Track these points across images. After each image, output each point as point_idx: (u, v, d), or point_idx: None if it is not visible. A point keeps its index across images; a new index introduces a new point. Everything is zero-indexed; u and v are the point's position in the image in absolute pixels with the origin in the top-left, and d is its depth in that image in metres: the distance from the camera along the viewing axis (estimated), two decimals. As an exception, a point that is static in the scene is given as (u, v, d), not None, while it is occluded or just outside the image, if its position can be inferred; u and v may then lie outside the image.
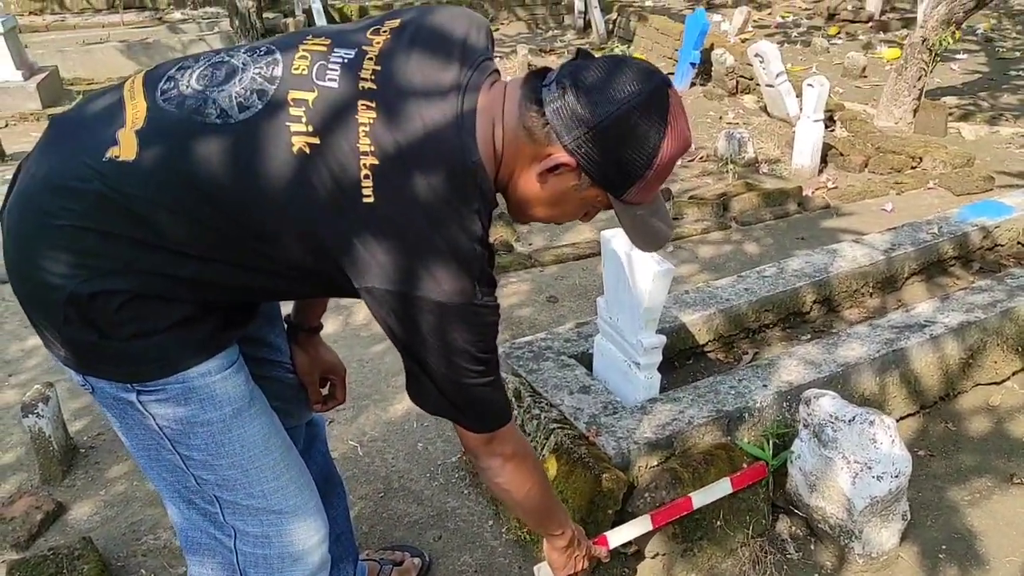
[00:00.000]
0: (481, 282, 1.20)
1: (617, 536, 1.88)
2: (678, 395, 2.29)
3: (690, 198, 4.51)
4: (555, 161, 1.17)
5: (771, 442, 2.19)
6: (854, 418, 1.95)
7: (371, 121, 1.13)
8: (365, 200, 1.12)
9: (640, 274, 2.20)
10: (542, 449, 2.20)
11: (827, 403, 2.01)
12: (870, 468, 1.93)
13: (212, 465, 1.30)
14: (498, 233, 4.18)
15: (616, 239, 2.33)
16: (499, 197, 1.26)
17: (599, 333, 2.53)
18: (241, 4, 7.21)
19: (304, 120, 1.14)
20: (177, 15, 9.78)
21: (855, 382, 2.43)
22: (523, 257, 3.98)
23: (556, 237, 4.30)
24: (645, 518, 1.91)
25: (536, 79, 1.20)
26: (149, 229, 1.15)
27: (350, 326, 3.42)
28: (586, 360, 2.61)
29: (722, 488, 2.00)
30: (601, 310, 2.47)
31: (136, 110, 1.18)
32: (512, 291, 3.70)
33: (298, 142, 1.13)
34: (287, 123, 1.14)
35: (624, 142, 1.14)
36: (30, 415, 2.45)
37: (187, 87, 1.18)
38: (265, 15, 9.31)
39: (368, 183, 1.12)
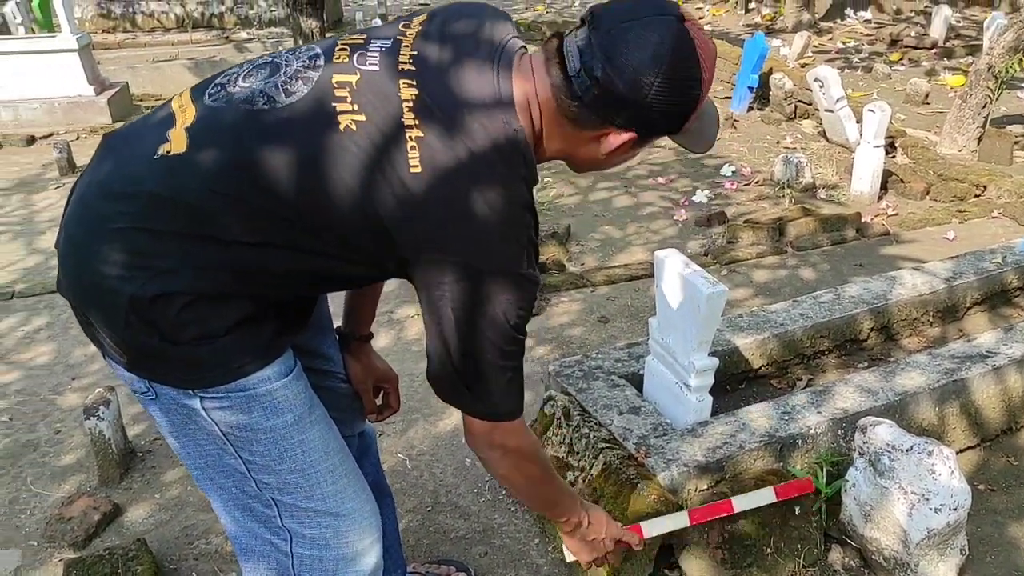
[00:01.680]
0: (528, 251, 1.20)
1: (652, 527, 1.83)
2: (729, 419, 2.27)
3: (745, 222, 4.47)
4: (615, 144, 1.22)
5: (824, 470, 2.15)
6: (912, 447, 1.91)
7: (413, 97, 1.16)
8: (412, 171, 1.13)
9: (693, 296, 2.19)
10: (590, 469, 2.19)
11: (884, 432, 1.97)
12: (928, 500, 1.89)
13: (274, 470, 1.32)
14: (550, 252, 4.19)
15: (670, 259, 2.32)
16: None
17: (650, 354, 2.51)
18: (305, 25, 7.38)
19: (349, 100, 1.17)
20: (243, 35, 10.05)
21: (913, 412, 2.38)
22: (574, 277, 3.98)
23: (608, 257, 4.29)
24: (683, 514, 1.88)
25: (558, 62, 1.19)
26: (204, 221, 1.17)
27: (402, 340, 3.45)
28: (636, 381, 2.59)
29: (765, 496, 1.96)
30: (653, 331, 2.46)
31: (186, 113, 1.22)
32: (563, 310, 3.70)
33: (344, 120, 1.16)
34: (333, 103, 1.17)
35: (672, 96, 1.16)
36: (91, 418, 2.52)
37: (234, 87, 1.22)
38: (328, 35, 9.50)
39: (415, 154, 1.14)
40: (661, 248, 2.40)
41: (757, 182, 5.23)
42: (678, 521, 1.86)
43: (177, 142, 1.18)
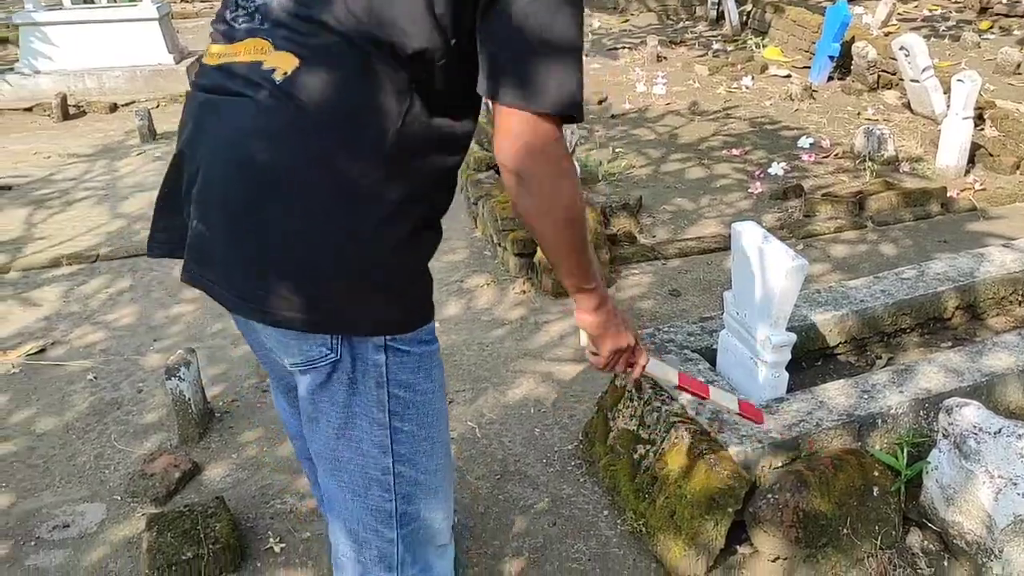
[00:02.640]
0: None
1: (651, 365, 1.63)
2: (806, 396, 2.21)
3: (823, 195, 4.35)
4: None
5: (905, 451, 2.09)
6: (1000, 430, 1.84)
7: None
8: None
9: (772, 269, 2.14)
10: (661, 443, 2.17)
11: (971, 413, 1.90)
12: (1016, 485, 1.81)
13: (415, 437, 1.30)
14: (621, 224, 4.14)
15: (747, 231, 2.27)
16: None
17: (724, 328, 2.47)
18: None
19: None
20: None
21: (1001, 393, 2.29)
22: (646, 249, 3.93)
23: (680, 230, 4.22)
24: (675, 372, 1.76)
25: None
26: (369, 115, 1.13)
27: (471, 310, 3.46)
28: (710, 355, 2.55)
29: (731, 402, 1.87)
30: (728, 304, 2.41)
31: (249, 45, 1.18)
32: (634, 283, 3.67)
33: None
34: None
35: None
36: (172, 378, 2.59)
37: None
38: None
39: None
40: (734, 221, 2.35)
41: (836, 155, 5.07)
42: (668, 375, 1.74)
43: (281, 61, 1.14)
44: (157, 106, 6.67)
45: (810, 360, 2.71)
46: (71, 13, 6.87)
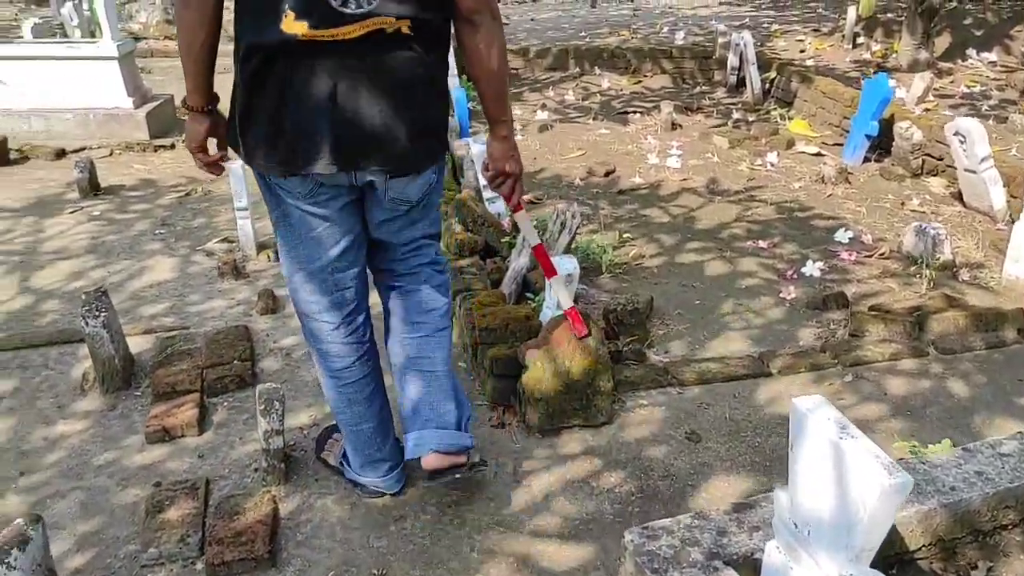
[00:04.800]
0: None
1: (523, 216, 2.39)
2: None
3: (872, 309, 3.60)
4: None
5: None
6: None
7: None
8: None
9: (856, 482, 1.42)
10: None
11: None
12: None
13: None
14: (628, 336, 3.39)
15: (816, 416, 1.56)
16: None
17: (774, 539, 1.73)
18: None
19: None
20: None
21: None
22: (658, 372, 3.17)
23: (699, 345, 3.46)
24: (536, 238, 2.46)
25: None
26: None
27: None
28: (751, 566, 1.82)
29: (565, 300, 2.71)
30: (781, 508, 1.68)
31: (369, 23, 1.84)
32: (642, 418, 2.90)
33: None
34: None
35: None
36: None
37: None
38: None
39: None
40: (764, 336, 1.62)
41: (882, 253, 4.33)
42: (531, 237, 2.45)
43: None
44: (110, 154, 5.95)
45: (884, 567, 1.96)
46: (23, 48, 6.20)
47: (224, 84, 1.95)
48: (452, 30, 2.01)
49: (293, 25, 1.76)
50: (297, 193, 2.02)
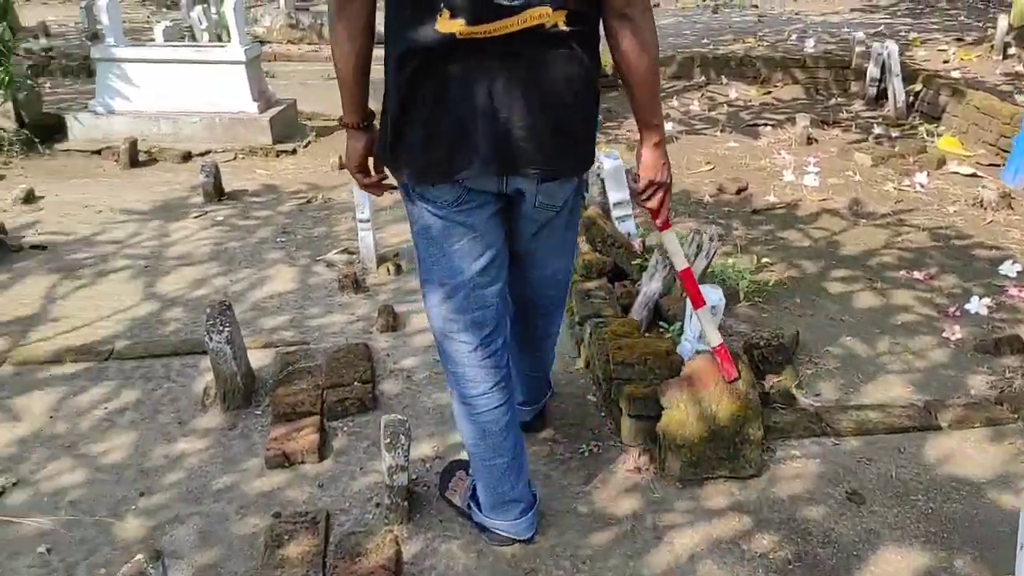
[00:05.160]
0: None
1: (670, 234, 2.27)
2: None
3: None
4: None
5: None
6: None
7: None
8: None
9: None
10: None
11: None
12: None
13: None
14: (774, 376, 3.10)
15: None
16: None
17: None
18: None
19: None
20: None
21: None
22: (810, 418, 2.87)
23: (854, 389, 3.13)
24: (683, 261, 2.35)
25: None
26: None
27: (564, 490, 2.48)
28: None
29: (714, 337, 2.50)
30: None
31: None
32: (795, 472, 2.62)
33: None
34: None
35: None
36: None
37: None
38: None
39: None
40: (928, 382, 1.50)
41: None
42: (677, 259, 2.34)
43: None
44: (234, 158, 5.98)
45: None
46: (154, 51, 6.30)
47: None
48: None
49: (449, 24, 1.70)
50: (443, 202, 1.95)
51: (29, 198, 5.03)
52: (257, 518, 2.45)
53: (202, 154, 5.93)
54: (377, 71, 1.86)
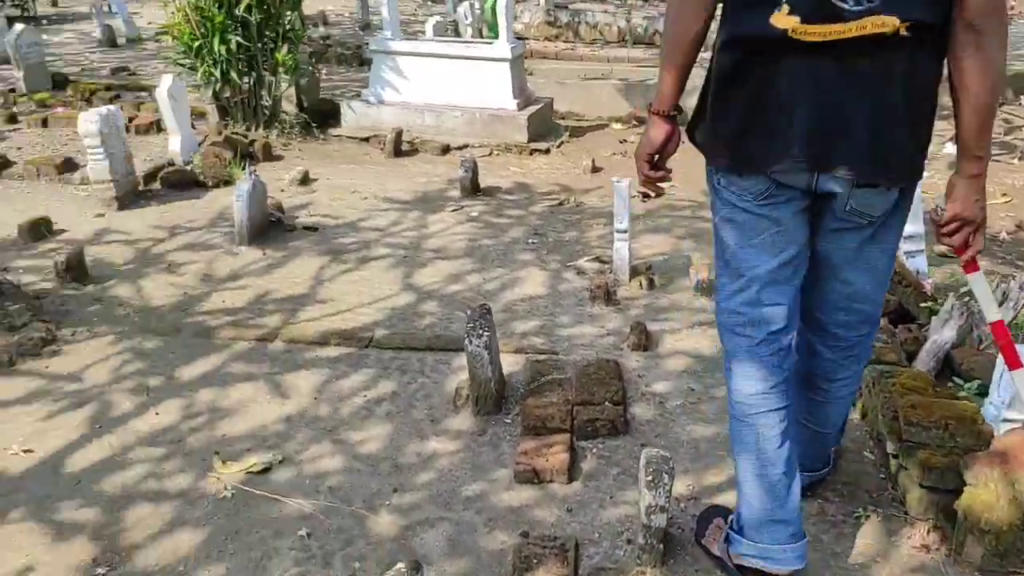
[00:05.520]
0: None
1: (977, 277, 1.99)
2: None
3: None
4: None
5: None
6: None
7: None
8: None
9: None
10: None
11: None
12: None
13: None
14: None
15: None
16: None
17: None
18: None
19: None
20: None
21: None
22: None
23: None
24: (996, 311, 2.05)
25: None
26: None
27: (837, 561, 2.22)
28: None
29: None
30: None
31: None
32: None
33: None
34: None
35: None
36: None
37: None
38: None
39: None
40: None
41: None
42: (989, 307, 2.05)
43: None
44: (489, 153, 6.07)
45: None
46: (427, 45, 6.53)
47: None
48: None
49: (784, 19, 1.67)
50: (751, 194, 1.91)
51: (305, 180, 5.36)
52: (505, 534, 2.38)
53: (460, 148, 6.08)
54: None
